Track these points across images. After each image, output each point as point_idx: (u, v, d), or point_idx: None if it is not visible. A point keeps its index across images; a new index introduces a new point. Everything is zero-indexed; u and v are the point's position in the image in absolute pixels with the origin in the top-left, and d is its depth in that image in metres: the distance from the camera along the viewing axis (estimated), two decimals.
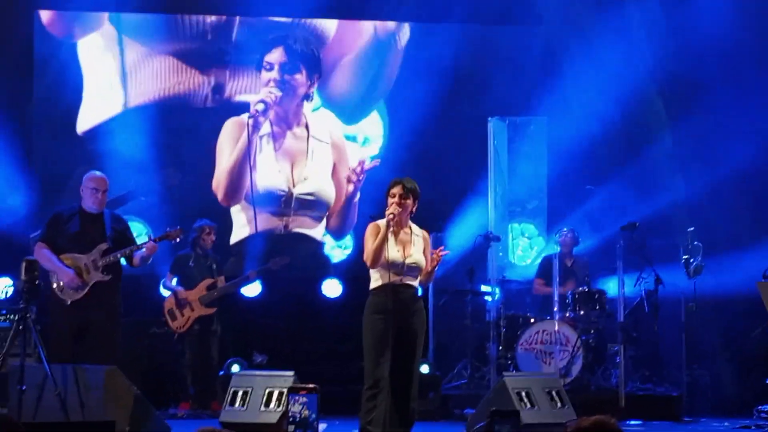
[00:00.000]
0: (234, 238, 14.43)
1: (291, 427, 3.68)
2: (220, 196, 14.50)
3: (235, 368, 12.46)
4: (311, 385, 3.99)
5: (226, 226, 14.34)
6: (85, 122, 14.53)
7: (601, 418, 4.58)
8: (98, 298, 10.31)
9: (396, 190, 8.77)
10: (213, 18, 14.81)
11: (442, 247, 8.88)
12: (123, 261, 10.59)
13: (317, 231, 14.72)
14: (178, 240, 10.91)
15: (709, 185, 14.44)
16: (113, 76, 14.59)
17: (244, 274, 13.36)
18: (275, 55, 14.70)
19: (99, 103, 14.54)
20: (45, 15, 14.55)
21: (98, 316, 10.29)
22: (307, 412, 3.76)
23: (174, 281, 12.96)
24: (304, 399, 3.71)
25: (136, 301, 13.54)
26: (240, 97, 14.71)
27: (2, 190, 13.88)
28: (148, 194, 14.35)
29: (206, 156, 14.53)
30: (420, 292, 8.99)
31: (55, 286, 10.24)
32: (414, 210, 8.83)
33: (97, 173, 10.73)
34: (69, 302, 10.28)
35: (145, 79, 14.63)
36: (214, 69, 14.75)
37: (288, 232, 14.60)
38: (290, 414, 3.72)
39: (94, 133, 14.43)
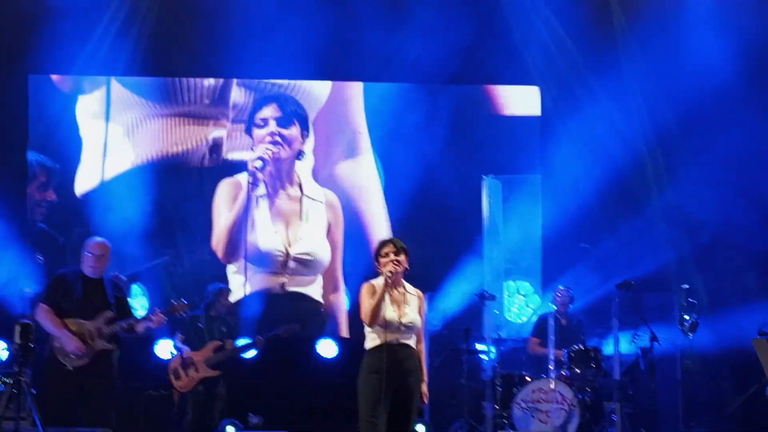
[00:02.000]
0: (232, 298, 14.42)
1: None
2: (220, 254, 14.58)
3: (230, 430, 12.39)
4: None
5: None
6: (83, 184, 14.58)
7: None
8: (99, 364, 10.29)
9: (388, 249, 8.79)
10: (211, 81, 14.92)
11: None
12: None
13: (314, 290, 14.73)
14: (183, 314, 10.85)
15: (703, 243, 14.50)
16: (113, 137, 14.69)
17: (242, 335, 13.37)
18: (269, 111, 14.78)
19: (97, 164, 14.60)
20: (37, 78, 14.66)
21: (96, 381, 10.26)
22: None
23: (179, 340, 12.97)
24: None
25: (133, 364, 13.51)
26: (236, 155, 14.78)
27: None
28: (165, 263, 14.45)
29: (206, 216, 14.61)
30: None
31: (57, 348, 10.19)
32: (407, 268, 8.85)
33: (98, 239, 10.71)
34: (71, 368, 10.24)
35: (144, 140, 14.72)
36: (212, 128, 14.83)
37: (285, 291, 14.61)
38: None
39: (92, 194, 14.48)
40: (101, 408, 10.21)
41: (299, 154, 14.82)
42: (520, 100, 15.31)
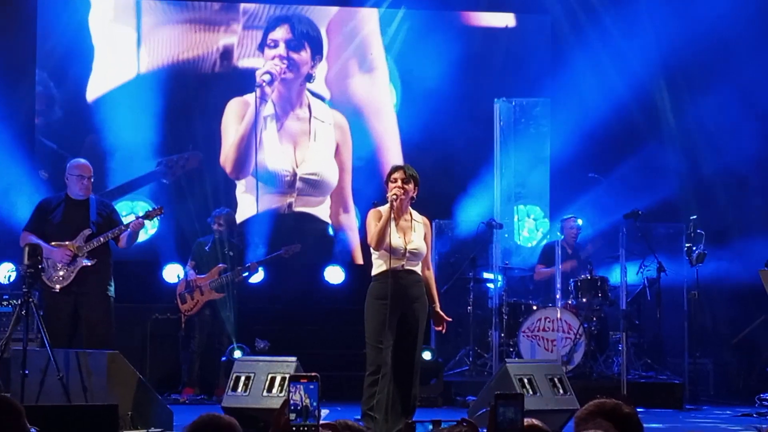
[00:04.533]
0: (239, 218, 14.46)
1: (292, 416, 3.68)
2: (228, 169, 14.64)
3: (238, 354, 12.47)
4: (312, 374, 4.00)
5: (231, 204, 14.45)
6: (95, 90, 14.56)
7: (619, 403, 4.55)
8: (87, 284, 10.30)
9: (398, 175, 8.80)
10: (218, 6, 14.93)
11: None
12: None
13: (321, 211, 14.78)
14: (159, 216, 10.85)
15: (712, 173, 14.47)
16: (127, 43, 14.65)
17: (248, 255, 13.46)
18: (280, 33, 14.77)
19: (110, 70, 14.58)
20: None
21: (89, 302, 10.29)
22: (308, 401, 3.77)
23: (190, 266, 13.03)
24: (306, 387, 3.71)
25: (138, 286, 13.60)
26: (247, 62, 14.78)
27: (2, 173, 13.85)
28: (165, 176, 14.44)
29: (215, 128, 14.66)
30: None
31: (43, 275, 10.22)
32: (415, 197, 8.85)
33: (81, 160, 10.73)
34: (58, 289, 10.28)
35: (155, 46, 14.71)
36: (222, 35, 14.82)
37: (292, 211, 14.66)
38: (291, 403, 3.73)
39: (104, 100, 14.47)
40: (99, 329, 10.25)
41: (309, 77, 14.80)
42: (532, 28, 15.30)
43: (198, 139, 14.72)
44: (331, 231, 14.84)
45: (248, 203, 14.63)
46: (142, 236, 11.02)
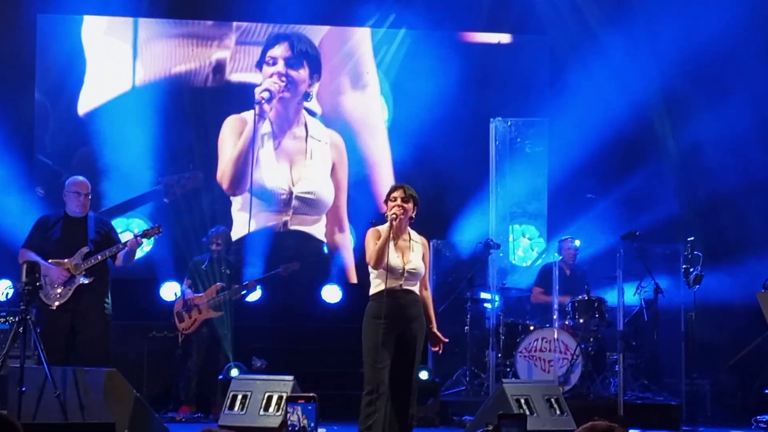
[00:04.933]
0: (235, 235, 14.47)
1: None
2: (225, 185, 14.66)
3: (234, 372, 12.47)
4: (310, 394, 4.00)
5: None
6: (86, 103, 14.58)
7: (612, 426, 4.56)
8: (85, 301, 10.33)
9: (397, 194, 8.80)
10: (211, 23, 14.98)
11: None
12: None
13: (317, 230, 14.77)
14: (157, 235, 10.87)
15: (710, 194, 14.48)
16: (120, 56, 14.69)
17: (246, 273, 13.47)
18: (279, 50, 14.82)
19: (102, 83, 14.61)
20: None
21: (86, 320, 10.31)
22: (305, 422, 3.76)
23: (186, 285, 13.04)
24: (303, 408, 3.70)
25: (136, 304, 13.60)
26: (240, 77, 14.81)
27: (2, 189, 13.87)
28: (166, 196, 14.45)
29: (211, 143, 14.70)
30: None
31: (40, 292, 10.23)
32: (413, 216, 8.86)
33: (79, 178, 10.76)
34: (55, 306, 10.28)
35: (148, 60, 14.74)
36: (215, 49, 14.85)
37: (287, 230, 14.67)
38: (289, 423, 3.73)
39: (96, 114, 14.49)
40: (96, 347, 10.25)
41: (306, 96, 14.84)
42: (530, 49, 15.33)
43: (194, 153, 14.75)
44: (326, 250, 14.84)
45: (244, 221, 14.64)
46: (138, 254, 11.03)
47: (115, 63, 14.69)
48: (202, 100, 14.83)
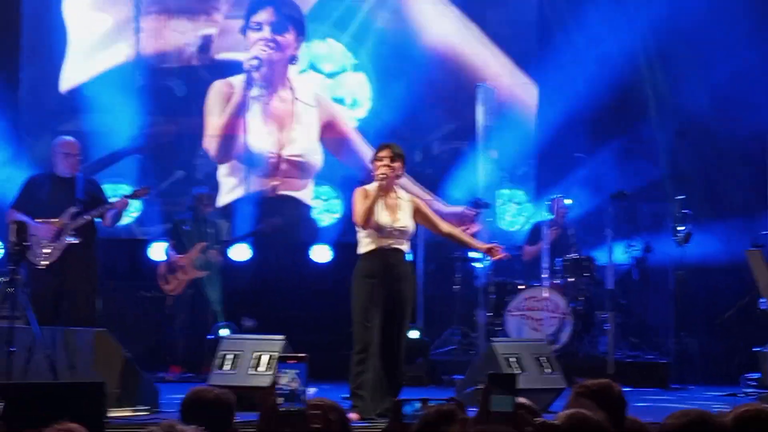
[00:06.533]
0: (222, 201, 14.41)
1: (280, 400, 3.70)
2: (212, 153, 14.52)
3: (225, 333, 12.47)
4: (301, 354, 3.98)
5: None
6: (68, 80, 14.47)
7: (608, 382, 4.58)
8: (72, 261, 10.33)
9: (384, 153, 8.79)
10: None
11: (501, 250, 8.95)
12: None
13: (305, 194, 14.72)
14: (146, 197, 10.87)
15: (699, 154, 14.47)
16: (102, 32, 14.53)
17: (232, 237, 13.47)
18: (264, 15, 14.65)
19: (83, 60, 14.47)
20: None
21: (74, 280, 10.31)
22: (296, 384, 3.78)
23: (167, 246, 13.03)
24: (294, 369, 3.72)
25: (124, 264, 13.59)
26: (226, 55, 14.69)
27: None
28: (140, 151, 14.38)
29: (196, 114, 14.56)
30: (411, 257, 8.99)
31: (28, 252, 10.20)
32: (401, 175, 8.85)
33: (68, 138, 10.79)
34: (43, 266, 10.27)
35: (132, 35, 14.59)
36: (203, 24, 14.71)
37: (276, 194, 14.60)
38: (278, 386, 3.74)
39: (78, 91, 14.38)
40: (82, 307, 10.27)
41: (292, 59, 14.73)
42: (516, 8, 15.21)
43: (182, 126, 14.64)
44: (314, 213, 14.78)
45: (231, 186, 14.54)
46: (125, 219, 11.02)
47: (100, 38, 14.53)
48: (191, 76, 14.68)
